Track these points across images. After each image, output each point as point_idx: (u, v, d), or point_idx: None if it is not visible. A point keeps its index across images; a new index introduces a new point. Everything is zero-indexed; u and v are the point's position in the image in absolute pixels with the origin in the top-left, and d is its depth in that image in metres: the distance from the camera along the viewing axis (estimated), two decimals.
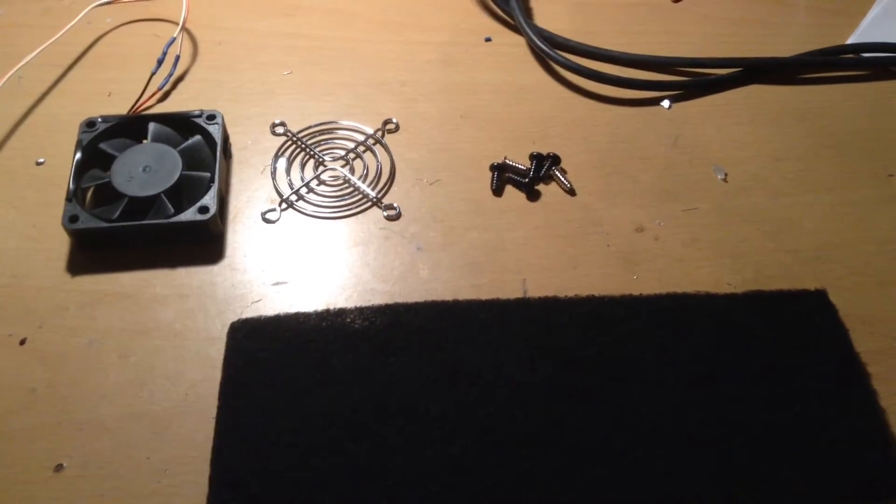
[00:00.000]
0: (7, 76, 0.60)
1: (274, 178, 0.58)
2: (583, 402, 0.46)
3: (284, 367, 0.47)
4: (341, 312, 0.50)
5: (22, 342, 0.49)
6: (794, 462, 0.45)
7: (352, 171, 0.59)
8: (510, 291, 0.52)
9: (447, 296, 0.51)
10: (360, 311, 0.50)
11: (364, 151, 0.60)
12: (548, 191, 0.58)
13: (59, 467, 0.44)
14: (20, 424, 0.46)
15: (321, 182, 0.58)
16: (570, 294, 0.51)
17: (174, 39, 0.64)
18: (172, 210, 0.52)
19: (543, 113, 0.63)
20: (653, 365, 0.48)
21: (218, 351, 0.48)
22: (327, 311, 0.50)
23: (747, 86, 0.66)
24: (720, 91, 0.65)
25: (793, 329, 0.50)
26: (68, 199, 0.52)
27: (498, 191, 0.58)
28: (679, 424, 0.46)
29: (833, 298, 0.52)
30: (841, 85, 0.66)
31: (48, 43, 0.62)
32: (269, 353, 0.47)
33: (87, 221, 0.51)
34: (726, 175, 0.59)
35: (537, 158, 0.58)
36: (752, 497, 0.44)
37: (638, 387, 0.47)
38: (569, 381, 0.47)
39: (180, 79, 0.64)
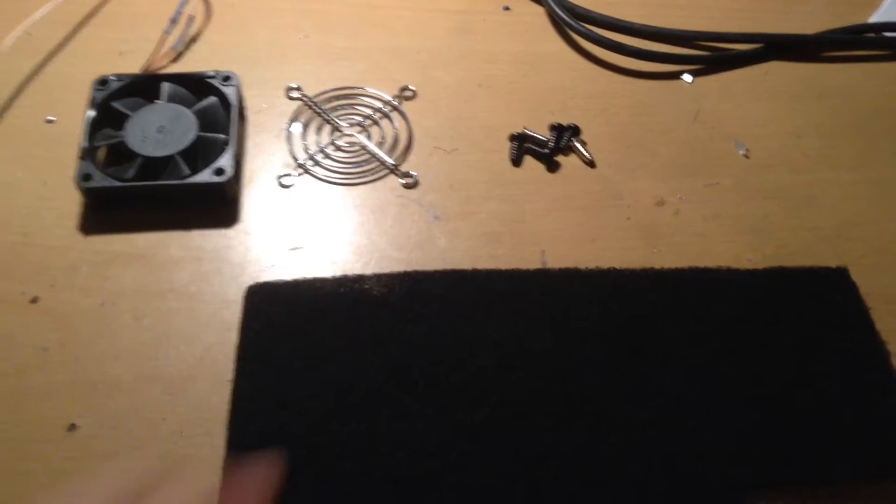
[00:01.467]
0: (17, 33, 0.58)
1: (289, 143, 0.57)
2: (604, 374, 0.46)
3: (302, 331, 0.46)
4: (359, 279, 0.49)
5: (34, 301, 0.48)
6: (812, 438, 0.44)
7: (368, 137, 0.58)
8: (528, 262, 0.51)
9: (465, 265, 0.51)
10: (378, 278, 0.49)
11: (381, 118, 0.59)
12: (567, 162, 0.57)
13: (72, 427, 0.43)
14: (33, 383, 0.45)
15: (337, 148, 0.57)
16: (590, 266, 0.51)
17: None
18: (188, 171, 0.51)
19: (562, 84, 0.62)
20: (674, 338, 0.47)
21: (233, 314, 0.48)
22: (345, 276, 0.49)
23: (768, 62, 0.65)
24: (741, 66, 0.65)
25: (814, 306, 0.49)
26: (81, 158, 0.51)
27: (517, 161, 0.57)
28: (699, 398, 0.45)
29: (854, 276, 0.51)
30: (862, 64, 0.66)
31: (59, 0, 0.61)
32: (286, 318, 0.47)
33: (100, 180, 0.50)
34: (748, 151, 0.58)
35: (558, 129, 0.58)
36: (771, 472, 0.43)
37: (659, 360, 0.46)
38: (589, 353, 0.46)
39: (193, 40, 0.63)
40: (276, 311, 0.47)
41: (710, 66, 0.64)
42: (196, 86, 0.56)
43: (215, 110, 0.55)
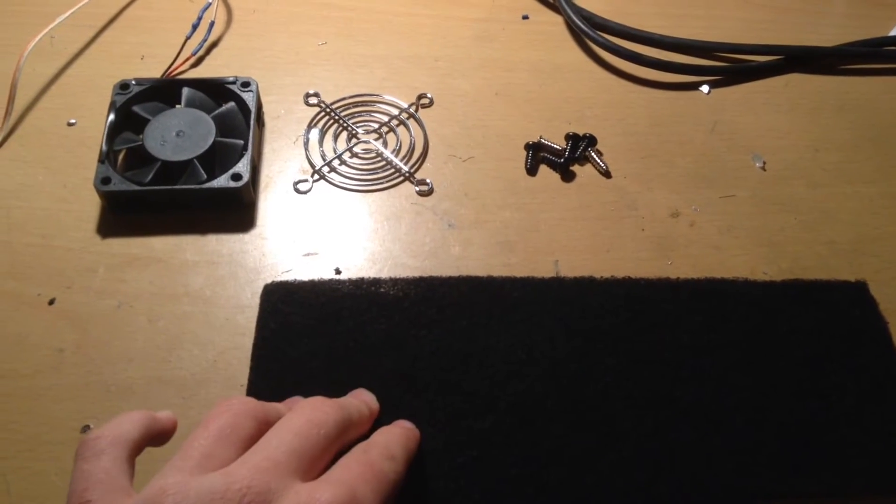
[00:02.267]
0: (40, 36, 0.59)
1: (306, 149, 0.57)
2: (615, 384, 0.46)
3: (318, 332, 0.47)
4: (375, 282, 0.49)
5: (51, 302, 0.49)
6: (827, 453, 0.44)
7: (384, 144, 0.58)
8: (542, 272, 0.51)
9: (478, 274, 0.51)
10: (394, 283, 0.49)
11: (397, 125, 0.59)
12: (583, 172, 0.57)
13: (85, 428, 0.44)
14: (48, 384, 0.45)
15: (353, 154, 0.57)
16: (604, 276, 0.51)
17: (209, 5, 0.63)
18: (205, 176, 0.52)
19: (579, 93, 0.62)
20: (687, 349, 0.47)
21: (247, 319, 0.48)
22: (361, 279, 0.49)
23: (787, 74, 0.65)
24: (760, 78, 0.64)
25: (831, 319, 0.49)
26: (101, 161, 0.52)
27: (532, 170, 0.57)
28: (711, 410, 0.45)
29: (872, 292, 0.51)
30: (882, 77, 0.65)
31: (81, 4, 0.61)
32: (302, 318, 0.47)
33: (119, 184, 0.51)
34: (765, 163, 0.58)
35: (573, 139, 0.58)
36: (783, 486, 0.43)
37: (671, 370, 0.46)
38: (601, 362, 0.46)
39: (214, 45, 0.63)
40: (291, 310, 0.47)
41: (729, 77, 0.64)
42: (215, 91, 0.57)
43: (234, 116, 0.55)
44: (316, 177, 0.56)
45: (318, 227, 0.53)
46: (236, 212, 0.53)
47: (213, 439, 0.33)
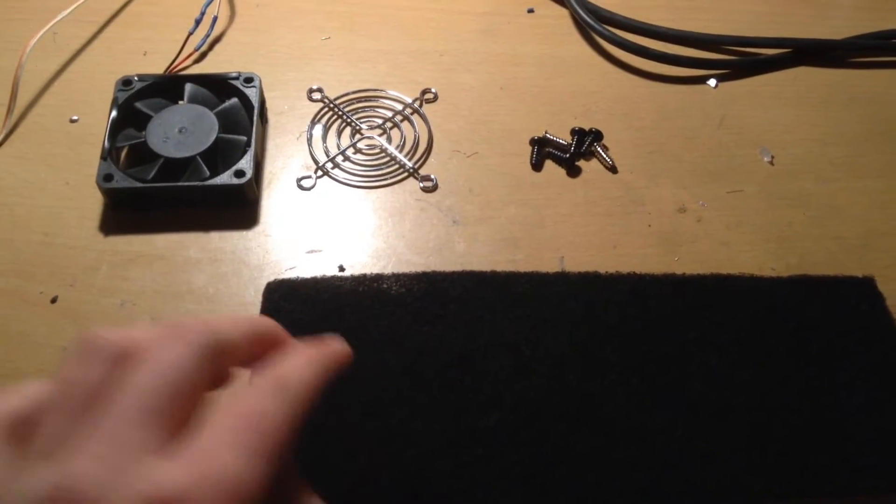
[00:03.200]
0: (42, 32, 0.59)
1: (310, 145, 0.57)
2: (620, 380, 0.45)
3: (320, 329, 0.46)
4: (378, 278, 0.49)
5: (53, 300, 0.48)
6: (834, 450, 0.44)
7: (388, 140, 0.58)
8: (547, 268, 0.51)
9: (483, 270, 0.50)
10: (397, 278, 0.49)
11: (401, 121, 0.59)
12: (588, 167, 0.57)
13: None
14: None
15: (357, 150, 0.57)
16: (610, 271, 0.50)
17: (212, 0, 0.62)
18: (208, 173, 0.51)
19: (586, 87, 0.62)
20: (694, 345, 0.47)
21: None
22: (364, 275, 0.49)
23: (796, 67, 0.64)
24: (768, 72, 0.64)
25: (839, 315, 0.48)
26: (103, 158, 0.51)
27: (537, 165, 0.57)
28: (717, 407, 0.45)
29: (880, 288, 0.50)
30: (892, 70, 0.64)
31: (83, 0, 0.61)
32: (304, 315, 0.47)
33: (121, 181, 0.51)
34: (773, 157, 0.57)
35: (579, 133, 0.57)
36: (790, 483, 0.43)
37: (678, 366, 0.46)
38: (607, 358, 0.46)
39: (217, 40, 0.63)
40: (294, 307, 0.47)
41: (737, 71, 0.63)
42: (218, 87, 0.56)
43: (237, 112, 0.55)
44: (319, 173, 0.55)
45: (321, 223, 0.53)
46: (239, 209, 0.53)
47: (55, 408, 0.26)
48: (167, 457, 0.25)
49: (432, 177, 0.55)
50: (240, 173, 0.51)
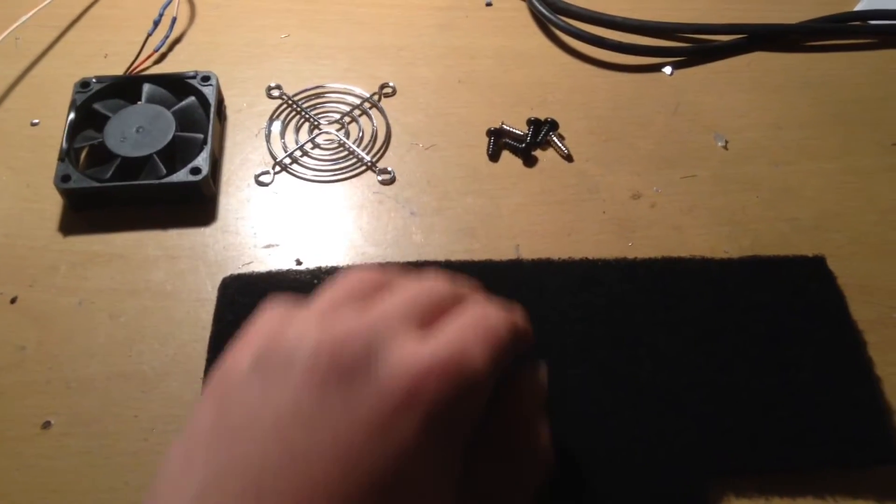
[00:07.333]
0: (3, 36, 0.59)
1: (268, 141, 0.57)
2: (571, 364, 0.46)
3: None
4: (334, 271, 0.49)
5: (13, 301, 0.49)
6: (785, 427, 0.44)
7: (346, 134, 0.58)
8: (503, 257, 0.51)
9: (440, 260, 0.51)
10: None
11: (360, 115, 0.59)
12: (545, 157, 0.57)
13: (46, 424, 0.44)
14: (9, 382, 0.46)
15: (316, 145, 0.58)
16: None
17: (170, 1, 0.63)
18: (165, 171, 0.52)
19: (543, 78, 0.62)
20: (645, 327, 0.47)
21: (208, 312, 0.48)
22: (319, 268, 0.50)
23: (750, 53, 0.65)
24: (723, 58, 0.64)
25: (789, 294, 0.49)
26: (60, 159, 0.52)
27: (494, 156, 0.57)
28: (670, 387, 0.45)
29: (831, 267, 0.51)
30: (846, 53, 0.65)
31: (45, 4, 0.62)
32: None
33: (79, 181, 0.51)
34: (727, 142, 0.58)
35: (535, 124, 0.58)
36: (741, 462, 0.43)
37: (628, 349, 0.46)
38: (561, 343, 0.47)
39: (177, 41, 0.64)
40: (249, 302, 0.48)
41: (692, 58, 0.64)
42: (176, 86, 0.57)
43: (194, 110, 0.56)
44: (277, 169, 0.56)
45: (279, 219, 0.53)
46: (197, 206, 0.53)
47: (343, 294, 0.33)
48: (422, 332, 0.31)
49: (390, 169, 0.56)
50: (196, 170, 0.52)
